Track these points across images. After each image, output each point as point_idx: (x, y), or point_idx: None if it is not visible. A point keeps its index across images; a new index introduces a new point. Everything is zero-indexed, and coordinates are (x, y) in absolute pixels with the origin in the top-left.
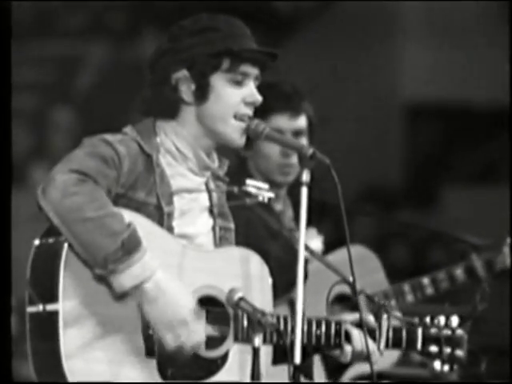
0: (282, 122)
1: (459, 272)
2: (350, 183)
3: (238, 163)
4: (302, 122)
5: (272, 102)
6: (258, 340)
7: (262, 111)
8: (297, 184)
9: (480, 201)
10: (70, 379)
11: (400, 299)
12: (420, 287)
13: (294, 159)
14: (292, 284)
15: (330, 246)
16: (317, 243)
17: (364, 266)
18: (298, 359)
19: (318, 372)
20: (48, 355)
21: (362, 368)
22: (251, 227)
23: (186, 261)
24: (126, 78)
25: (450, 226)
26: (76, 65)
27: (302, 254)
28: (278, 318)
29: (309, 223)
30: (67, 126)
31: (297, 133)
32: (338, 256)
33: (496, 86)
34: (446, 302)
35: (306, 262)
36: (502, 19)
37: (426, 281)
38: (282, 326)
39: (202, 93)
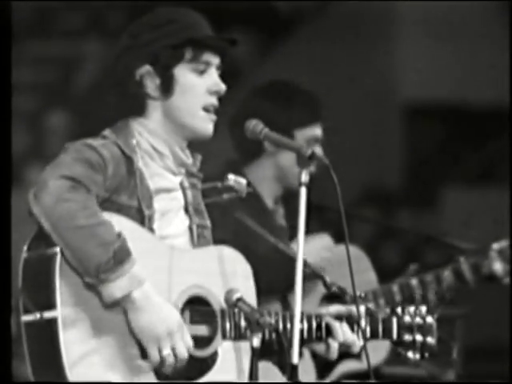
0: (311, 131)
1: (447, 274)
2: (349, 184)
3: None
4: (319, 129)
5: (299, 110)
6: (256, 340)
7: (287, 119)
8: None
9: (480, 202)
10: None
11: (389, 299)
12: (408, 288)
13: None
14: (281, 282)
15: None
16: None
17: (355, 266)
18: (295, 359)
19: (308, 369)
20: (49, 362)
21: (352, 366)
22: (240, 224)
23: (173, 262)
24: None
25: (449, 227)
26: (76, 65)
27: (300, 255)
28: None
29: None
30: (67, 126)
31: (316, 140)
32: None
33: (496, 86)
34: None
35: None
36: (501, 19)
37: (414, 282)
38: (280, 325)
39: (167, 86)
